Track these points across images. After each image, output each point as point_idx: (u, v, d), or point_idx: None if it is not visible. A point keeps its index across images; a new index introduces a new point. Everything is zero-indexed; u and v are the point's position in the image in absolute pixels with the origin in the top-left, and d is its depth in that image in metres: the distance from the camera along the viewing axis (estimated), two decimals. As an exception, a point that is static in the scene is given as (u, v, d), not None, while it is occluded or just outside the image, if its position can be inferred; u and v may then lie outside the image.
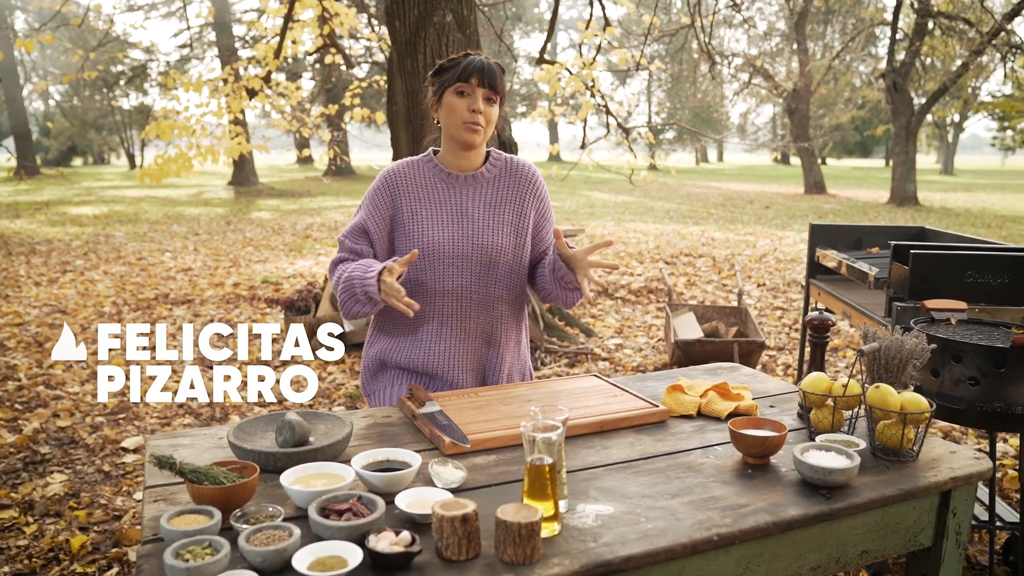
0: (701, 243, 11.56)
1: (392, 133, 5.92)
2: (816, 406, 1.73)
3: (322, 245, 11.40)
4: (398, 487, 1.40)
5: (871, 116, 34.65)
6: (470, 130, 1.94)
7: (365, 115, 9.47)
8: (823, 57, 25.61)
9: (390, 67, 6.00)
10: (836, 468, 1.44)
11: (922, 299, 2.80)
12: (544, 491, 1.28)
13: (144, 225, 13.80)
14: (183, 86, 8.37)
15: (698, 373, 2.23)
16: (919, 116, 18.49)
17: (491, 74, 1.94)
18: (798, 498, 1.43)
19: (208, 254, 10.41)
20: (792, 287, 8.10)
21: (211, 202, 19.08)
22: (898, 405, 1.60)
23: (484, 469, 1.54)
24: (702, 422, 1.83)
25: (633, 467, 1.56)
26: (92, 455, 3.76)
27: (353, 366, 5.28)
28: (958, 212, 17.51)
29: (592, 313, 6.89)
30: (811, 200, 20.57)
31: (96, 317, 6.57)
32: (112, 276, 8.61)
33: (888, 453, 1.62)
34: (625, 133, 8.20)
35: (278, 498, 1.40)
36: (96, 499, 3.29)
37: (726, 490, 1.46)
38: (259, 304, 7.16)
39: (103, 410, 4.37)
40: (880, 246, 4.11)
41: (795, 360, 5.33)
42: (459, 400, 1.88)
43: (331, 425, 1.68)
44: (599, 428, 1.75)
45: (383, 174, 2.04)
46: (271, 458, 1.49)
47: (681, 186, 26.44)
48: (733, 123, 41.45)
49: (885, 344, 1.74)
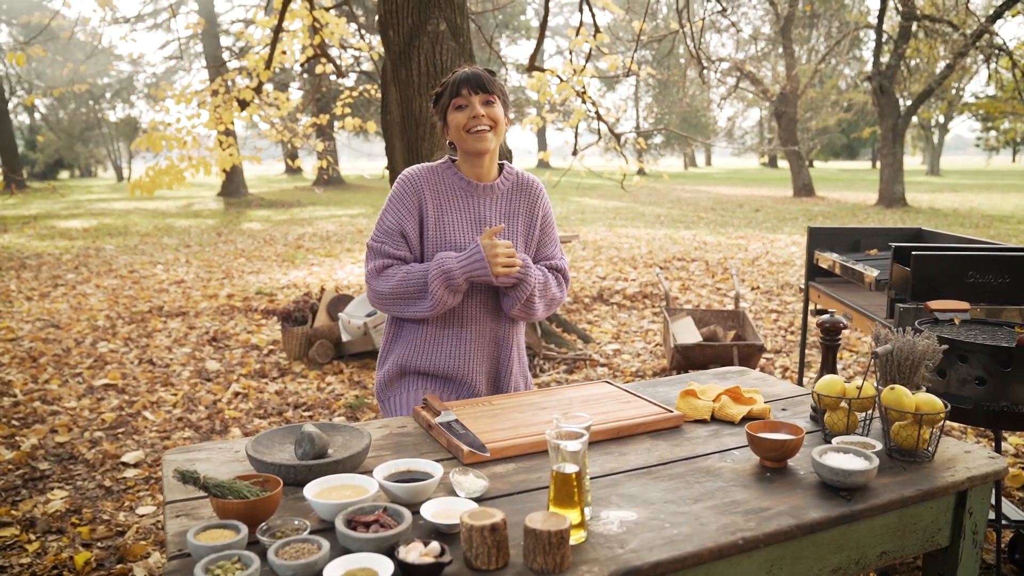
0: (693, 247, 11.60)
1: (387, 143, 5.92)
2: (830, 408, 1.74)
3: (315, 255, 11.37)
4: (422, 497, 1.40)
5: (857, 118, 34.91)
6: (477, 135, 1.99)
7: (356, 124, 9.47)
8: (809, 60, 25.82)
9: (384, 77, 6.00)
10: (856, 470, 1.45)
11: (924, 300, 2.82)
12: (571, 498, 1.28)
13: (135, 238, 13.73)
14: (172, 98, 8.36)
15: (708, 377, 2.25)
16: (905, 118, 18.65)
17: (478, 79, 1.99)
18: (819, 500, 1.44)
19: (200, 266, 10.36)
20: (786, 290, 8.14)
21: (201, 213, 19.01)
22: (913, 406, 1.62)
23: (504, 478, 1.54)
24: (716, 426, 1.84)
25: (652, 472, 1.57)
26: (92, 470, 3.73)
27: (352, 376, 5.27)
28: (946, 212, 17.66)
29: (588, 319, 6.90)
30: (800, 203, 20.69)
31: (90, 331, 6.53)
32: (104, 289, 8.55)
33: (904, 454, 1.63)
34: (616, 139, 8.24)
35: (301, 511, 1.40)
36: (98, 515, 3.26)
37: (747, 494, 1.46)
38: (254, 315, 7.13)
39: (102, 424, 4.34)
40: (878, 248, 4.14)
41: (792, 362, 5.36)
42: (474, 409, 1.89)
43: (348, 436, 1.68)
44: (615, 434, 1.76)
45: (406, 176, 2.06)
46: (292, 471, 1.48)
47: (671, 191, 26.55)
48: (721, 127, 41.67)
49: (898, 346, 1.75)
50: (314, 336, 5.63)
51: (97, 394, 4.89)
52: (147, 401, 4.74)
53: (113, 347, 6.00)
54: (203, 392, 4.91)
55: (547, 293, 2.09)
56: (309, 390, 4.97)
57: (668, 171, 40.98)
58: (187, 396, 4.82)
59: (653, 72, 13.70)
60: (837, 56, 25.07)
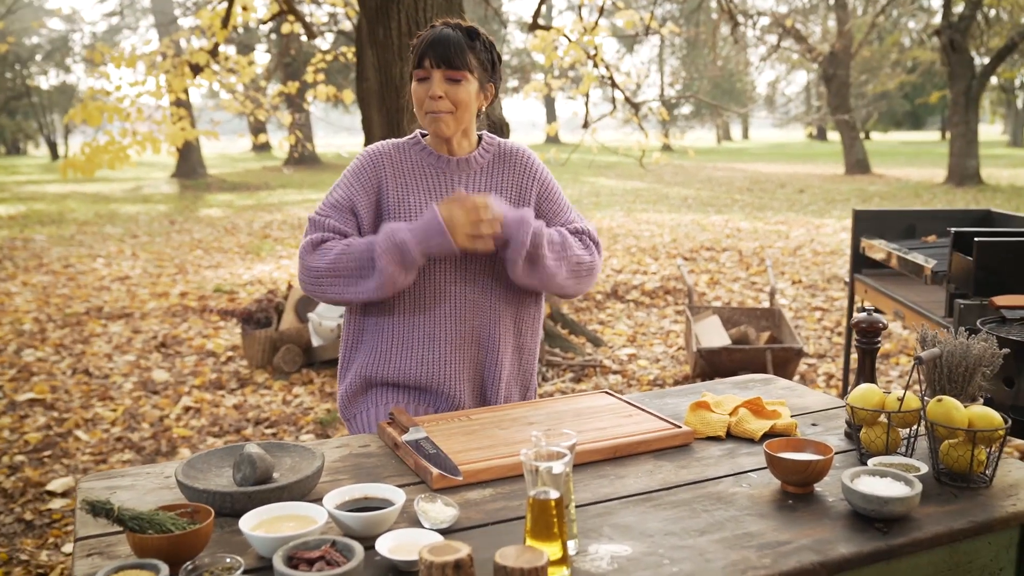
0: (725, 235, 11.59)
1: (363, 114, 5.92)
2: (867, 424, 1.73)
3: (284, 246, 11.39)
4: (379, 529, 1.39)
5: (923, 81, 34.79)
6: (432, 118, 1.98)
7: (331, 94, 9.47)
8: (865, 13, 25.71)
9: (359, 38, 6.01)
10: (894, 497, 1.44)
11: (990, 295, 2.81)
12: (550, 530, 1.27)
13: (71, 227, 13.77)
14: (113, 61, 8.36)
15: (726, 387, 2.24)
16: (981, 79, 18.55)
17: (445, 49, 1.93)
18: (849, 533, 1.43)
19: (149, 259, 10.39)
20: (833, 284, 8.13)
21: (151, 198, 19.06)
22: (965, 421, 1.60)
23: (479, 505, 1.54)
24: (732, 444, 1.83)
25: (653, 499, 1.56)
26: (10, 501, 3.74)
27: (323, 387, 5.27)
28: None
29: (600, 319, 6.90)
30: (853, 181, 20.66)
31: (14, 337, 6.55)
32: (33, 288, 8.58)
33: (955, 478, 1.62)
34: (634, 109, 8.23)
35: (237, 546, 1.39)
36: (15, 554, 3.27)
37: (763, 525, 1.46)
38: (211, 317, 7.15)
39: (24, 447, 4.35)
40: (937, 234, 4.12)
41: (839, 369, 5.34)
42: (448, 424, 1.88)
43: (298, 458, 1.68)
44: (612, 454, 1.75)
45: (366, 152, 2.07)
46: (228, 499, 1.48)
47: (700, 169, 26.53)
48: (760, 94, 41.59)
49: (947, 349, 1.74)
50: (280, 341, 5.64)
51: (20, 411, 4.90)
52: (81, 418, 4.75)
53: (41, 355, 6.02)
54: (148, 407, 4.92)
55: (567, 253, 2.03)
56: (273, 403, 4.98)
57: (697, 146, 40.96)
58: (129, 412, 4.83)
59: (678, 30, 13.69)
60: (899, 6, 24.96)
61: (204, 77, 8.32)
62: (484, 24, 16.08)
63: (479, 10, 17.37)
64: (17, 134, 40.45)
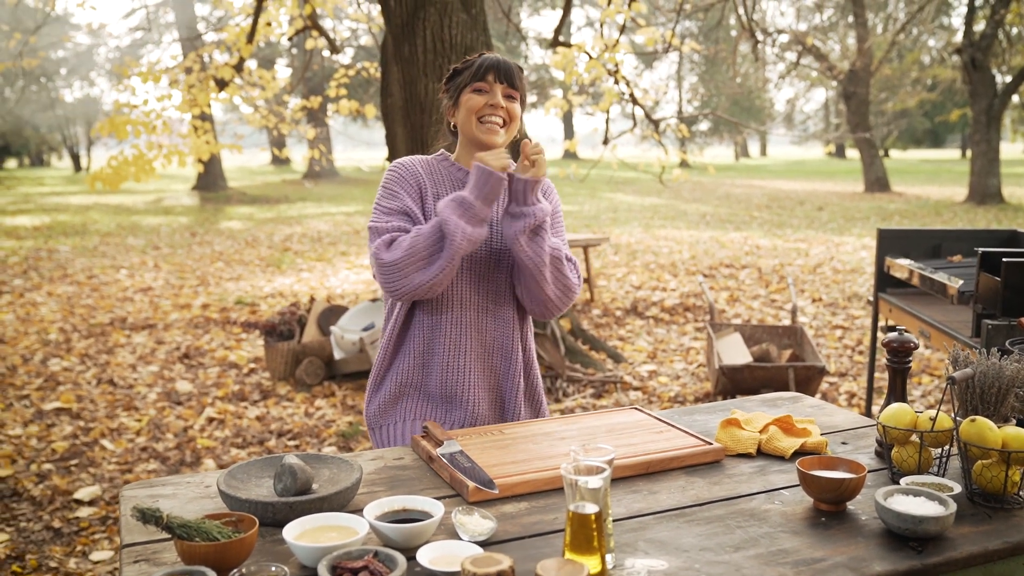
0: (744, 252, 11.57)
1: (387, 129, 5.97)
2: (899, 443, 1.73)
3: (304, 259, 11.47)
4: (419, 540, 1.41)
5: (944, 99, 34.57)
6: (488, 126, 2.06)
7: (353, 108, 9.56)
8: (885, 31, 25.69)
9: (384, 54, 6.06)
10: (929, 516, 1.45)
11: (1017, 316, 2.81)
12: (590, 543, 1.29)
13: (94, 238, 13.92)
14: (140, 76, 8.48)
15: (755, 405, 2.25)
16: (1003, 97, 18.46)
17: (509, 70, 2.08)
18: (884, 551, 1.44)
19: (171, 271, 10.48)
20: (853, 302, 8.10)
21: (173, 210, 19.23)
22: (999, 442, 1.61)
23: (515, 518, 1.55)
24: (763, 462, 1.84)
25: (686, 515, 1.57)
26: (39, 509, 3.78)
27: (345, 400, 5.31)
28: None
29: (620, 335, 6.91)
30: (873, 199, 20.58)
31: (40, 346, 6.63)
32: (58, 298, 8.67)
33: (988, 499, 1.62)
34: (654, 125, 8.25)
35: (280, 555, 1.42)
36: (44, 561, 3.31)
37: (797, 541, 1.47)
38: (233, 329, 7.20)
39: (51, 455, 4.41)
40: (963, 253, 4.12)
41: (860, 388, 5.33)
42: (481, 439, 1.90)
43: (336, 469, 1.70)
44: (644, 470, 1.77)
45: (399, 163, 2.13)
46: (270, 509, 1.50)
47: (719, 185, 26.50)
48: (779, 111, 41.54)
49: (980, 370, 1.75)
50: (302, 353, 5.68)
51: (47, 420, 4.96)
52: (106, 428, 4.80)
53: (67, 365, 6.09)
54: (172, 418, 4.97)
55: (556, 262, 2.07)
56: (295, 416, 5.02)
57: (716, 163, 40.87)
58: (153, 422, 4.88)
59: (698, 47, 13.73)
60: (920, 25, 24.91)
61: (229, 91, 8.42)
62: (504, 40, 16.15)
63: (500, 26, 17.47)
64: (41, 146, 40.95)
